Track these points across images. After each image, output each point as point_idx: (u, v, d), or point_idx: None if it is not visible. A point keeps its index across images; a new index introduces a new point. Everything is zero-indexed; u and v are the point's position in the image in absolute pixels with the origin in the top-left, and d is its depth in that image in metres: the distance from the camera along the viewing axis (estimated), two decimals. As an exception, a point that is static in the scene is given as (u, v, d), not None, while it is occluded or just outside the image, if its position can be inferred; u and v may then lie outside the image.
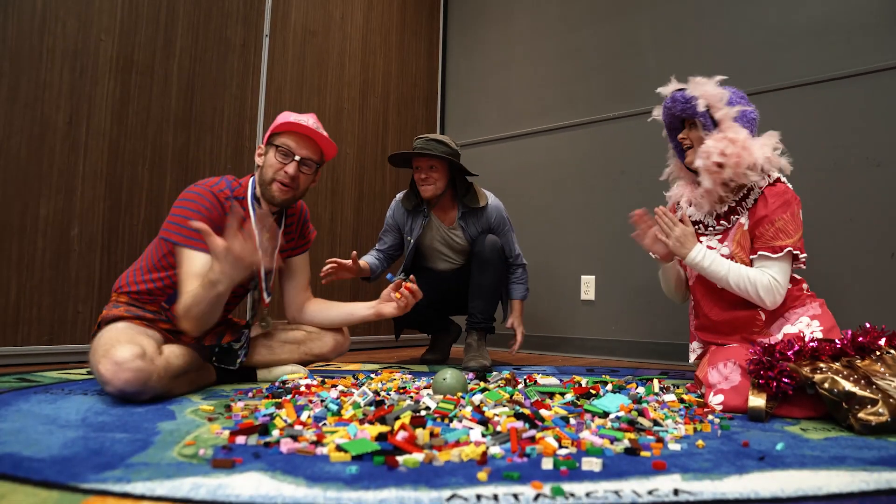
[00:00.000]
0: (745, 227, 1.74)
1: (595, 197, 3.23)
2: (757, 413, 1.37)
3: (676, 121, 1.88)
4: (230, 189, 1.72)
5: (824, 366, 1.36)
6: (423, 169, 2.46)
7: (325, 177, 3.25)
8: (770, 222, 1.67)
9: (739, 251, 1.74)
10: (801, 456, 1.06)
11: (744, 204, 1.76)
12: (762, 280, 1.64)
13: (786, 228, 1.66)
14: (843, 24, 2.55)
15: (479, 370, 2.25)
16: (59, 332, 2.27)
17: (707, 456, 1.05)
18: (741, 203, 1.76)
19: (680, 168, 1.96)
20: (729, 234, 1.78)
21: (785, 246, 1.64)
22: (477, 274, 2.45)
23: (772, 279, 1.63)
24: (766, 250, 1.66)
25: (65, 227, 2.30)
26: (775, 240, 1.66)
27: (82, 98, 2.36)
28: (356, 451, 0.96)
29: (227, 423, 1.21)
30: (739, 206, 1.77)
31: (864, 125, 2.48)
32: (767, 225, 1.68)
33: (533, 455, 1.01)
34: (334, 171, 3.30)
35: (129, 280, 1.70)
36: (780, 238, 1.65)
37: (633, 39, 3.18)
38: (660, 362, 2.85)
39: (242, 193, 1.76)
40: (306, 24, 3.20)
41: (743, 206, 1.76)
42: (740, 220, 1.76)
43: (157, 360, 1.44)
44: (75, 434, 1.10)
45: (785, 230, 1.66)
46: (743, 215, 1.76)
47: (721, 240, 1.80)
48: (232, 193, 1.73)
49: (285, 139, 1.75)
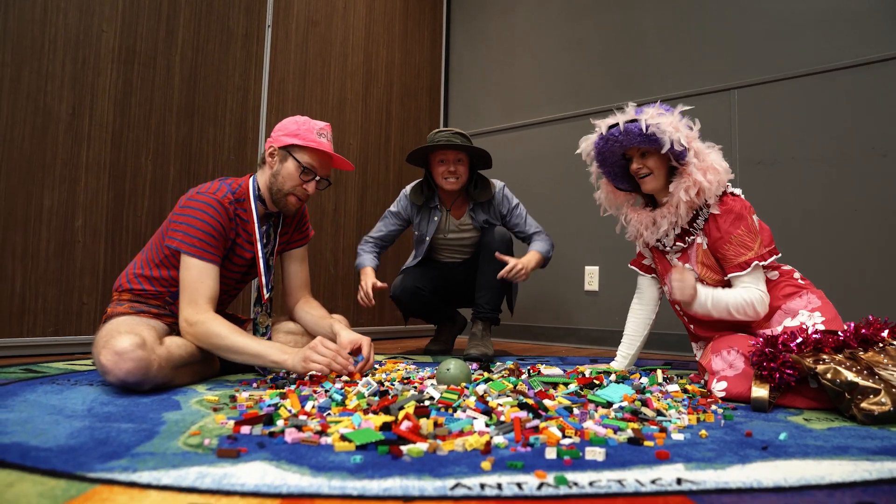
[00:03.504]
0: (704, 245, 1.75)
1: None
2: (760, 403, 1.38)
3: (619, 150, 1.83)
4: (231, 192, 1.72)
5: (827, 357, 1.36)
6: (450, 162, 2.43)
7: (328, 167, 3.24)
8: (727, 241, 1.69)
9: (706, 272, 1.75)
10: (804, 446, 1.06)
11: (696, 224, 1.77)
12: (756, 296, 1.64)
13: (744, 243, 1.67)
14: (850, 12, 2.53)
15: (481, 358, 2.26)
16: (65, 323, 2.28)
17: (710, 446, 1.05)
18: (693, 223, 1.77)
19: (615, 192, 1.95)
20: (689, 255, 1.79)
21: (750, 260, 1.65)
22: (485, 265, 2.45)
23: (758, 294, 1.64)
24: (735, 270, 1.68)
25: (69, 218, 2.30)
26: (738, 257, 1.67)
27: (85, 89, 2.36)
28: (360, 441, 0.97)
29: (231, 414, 1.22)
30: (693, 226, 1.78)
31: (869, 115, 2.46)
32: (727, 245, 1.69)
33: (536, 445, 1.01)
34: (337, 162, 3.30)
35: (130, 278, 1.71)
36: (741, 254, 1.67)
37: (637, 29, 3.16)
38: (663, 353, 2.86)
39: (244, 195, 1.76)
40: (309, 14, 3.18)
41: (696, 225, 1.77)
42: (696, 241, 1.77)
43: (158, 350, 1.45)
44: (81, 424, 1.11)
45: (744, 244, 1.67)
46: (698, 235, 1.77)
47: (681, 259, 1.82)
48: (234, 196, 1.73)
49: (310, 160, 1.76)
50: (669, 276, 1.70)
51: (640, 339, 1.97)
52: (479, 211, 2.54)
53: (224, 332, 1.56)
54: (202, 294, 1.60)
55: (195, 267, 1.62)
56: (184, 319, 1.58)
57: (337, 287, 3.25)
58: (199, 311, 1.58)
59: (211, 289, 1.62)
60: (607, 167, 1.90)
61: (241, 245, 1.75)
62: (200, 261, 1.62)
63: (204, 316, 1.58)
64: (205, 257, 1.63)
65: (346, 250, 3.31)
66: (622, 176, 1.91)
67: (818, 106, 2.58)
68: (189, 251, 1.62)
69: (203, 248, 1.63)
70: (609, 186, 1.97)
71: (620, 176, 1.91)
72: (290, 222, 1.93)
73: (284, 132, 1.76)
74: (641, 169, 1.79)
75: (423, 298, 2.56)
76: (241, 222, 1.74)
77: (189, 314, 1.58)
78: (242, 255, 1.77)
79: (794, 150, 2.63)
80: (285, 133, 1.76)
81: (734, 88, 2.80)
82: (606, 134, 1.79)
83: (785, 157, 2.64)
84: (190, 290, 1.60)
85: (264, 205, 1.80)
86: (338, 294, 3.26)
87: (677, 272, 1.68)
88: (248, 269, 1.85)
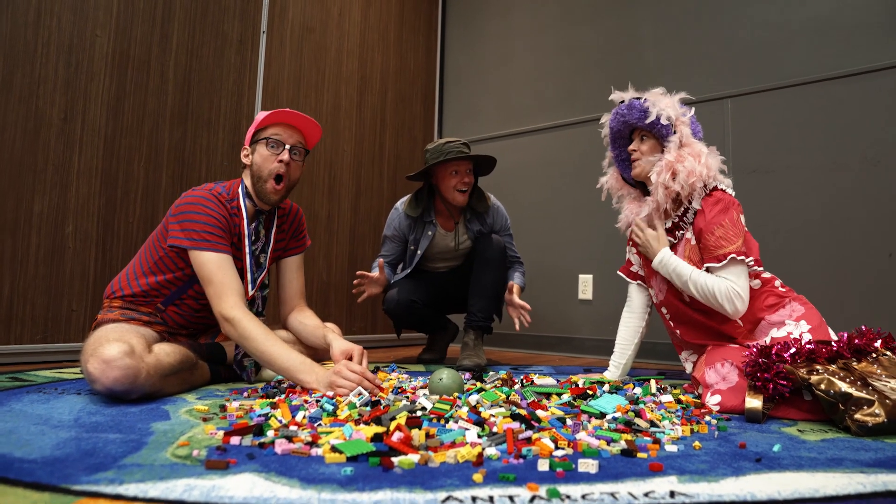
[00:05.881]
0: (693, 241, 1.76)
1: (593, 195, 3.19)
2: (754, 414, 1.37)
3: (626, 129, 1.88)
4: (226, 192, 1.72)
5: (821, 368, 1.36)
6: (463, 173, 2.42)
7: (322, 174, 3.24)
8: (710, 232, 1.69)
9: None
10: (798, 458, 1.06)
11: (685, 219, 1.78)
12: (720, 286, 1.64)
13: (726, 235, 1.67)
14: (843, 22, 2.55)
15: (474, 369, 2.25)
16: (53, 331, 2.26)
17: (704, 458, 1.05)
18: (682, 218, 1.79)
19: (619, 182, 1.98)
20: (678, 249, 1.80)
21: (728, 253, 1.64)
22: (479, 272, 2.44)
23: (730, 286, 1.63)
24: (711, 261, 1.68)
25: (59, 224, 2.29)
26: (717, 248, 1.67)
27: (77, 93, 2.35)
28: (351, 452, 0.96)
29: (221, 424, 1.21)
30: (682, 221, 1.79)
31: (862, 124, 2.48)
32: (708, 235, 1.69)
33: (529, 456, 1.01)
34: (332, 169, 3.30)
35: (122, 284, 1.70)
36: (721, 246, 1.66)
37: (634, 35, 3.18)
38: (657, 362, 2.86)
39: (235, 194, 1.76)
40: (304, 21, 3.19)
41: (685, 220, 1.78)
42: (686, 236, 1.78)
43: (147, 358, 1.44)
44: (68, 434, 1.09)
45: (726, 237, 1.67)
46: (687, 230, 1.78)
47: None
48: (228, 195, 1.72)
49: (273, 130, 1.74)
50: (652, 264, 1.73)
51: (632, 348, 1.97)
52: (474, 221, 2.54)
53: (257, 336, 1.55)
54: (228, 286, 1.58)
55: (210, 261, 1.59)
56: (218, 314, 1.58)
57: (330, 295, 3.24)
58: (230, 306, 1.57)
59: (234, 279, 1.61)
60: (616, 150, 1.95)
61: (236, 245, 1.74)
62: (214, 253, 1.60)
63: (238, 313, 1.56)
64: (217, 248, 1.61)
65: (339, 258, 3.30)
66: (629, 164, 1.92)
67: (812, 115, 2.59)
68: (198, 246, 1.60)
69: (212, 241, 1.61)
70: (616, 174, 1.99)
71: (628, 163, 1.93)
72: (286, 228, 1.91)
73: (250, 131, 1.79)
74: (635, 152, 1.82)
75: (419, 311, 2.54)
76: (237, 220, 1.73)
77: (222, 309, 1.57)
78: (238, 257, 1.75)
79: (788, 158, 2.64)
80: (251, 130, 1.78)
81: (727, 97, 2.81)
82: (617, 108, 1.86)
83: (779, 165, 2.66)
84: (215, 285, 1.58)
85: (254, 203, 1.79)
86: (330, 302, 3.25)
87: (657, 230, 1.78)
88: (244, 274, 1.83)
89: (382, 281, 2.44)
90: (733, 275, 1.65)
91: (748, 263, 1.66)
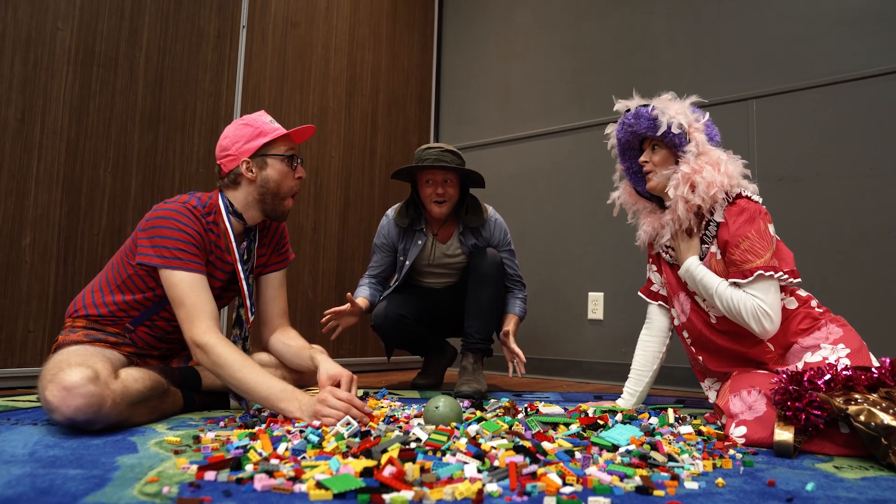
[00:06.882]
0: (718, 255, 1.77)
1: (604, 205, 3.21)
2: (784, 448, 1.37)
3: (635, 140, 1.90)
4: (201, 205, 1.72)
5: (860, 397, 1.36)
6: (437, 183, 2.43)
7: (307, 183, 3.24)
8: (735, 245, 1.70)
9: None
10: (835, 498, 1.05)
11: (708, 232, 1.80)
12: (747, 304, 1.64)
13: (753, 248, 1.67)
14: (882, 14, 2.55)
15: (474, 395, 2.25)
16: (7, 354, 2.25)
17: (728, 496, 1.04)
18: (705, 231, 1.81)
19: (633, 196, 2.00)
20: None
21: (755, 269, 1.65)
22: (474, 290, 2.44)
23: (757, 304, 1.63)
24: (737, 276, 1.68)
25: (15, 236, 2.28)
26: (744, 263, 1.67)
27: (36, 92, 2.35)
28: (338, 489, 0.96)
29: (195, 457, 1.20)
30: (705, 235, 1.81)
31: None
32: (733, 248, 1.70)
33: (534, 493, 1.00)
34: (318, 177, 3.30)
35: (86, 302, 1.69)
36: (748, 261, 1.67)
37: (647, 32, 3.20)
38: (675, 389, 2.85)
39: (214, 208, 1.76)
40: (288, 14, 3.21)
41: (707, 234, 1.80)
42: (711, 250, 1.79)
43: (113, 385, 1.42)
44: (21, 471, 1.08)
45: (752, 250, 1.67)
46: (712, 244, 1.79)
47: None
48: (204, 209, 1.72)
49: (286, 147, 1.79)
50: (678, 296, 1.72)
51: (650, 374, 1.96)
52: (469, 235, 2.54)
53: (232, 363, 1.55)
54: (200, 309, 1.59)
55: (183, 281, 1.60)
56: (189, 339, 1.58)
57: (316, 313, 3.23)
58: (203, 330, 1.57)
59: (208, 302, 1.62)
60: (627, 162, 1.97)
61: (213, 263, 1.74)
62: (186, 272, 1.61)
63: (211, 338, 1.57)
64: (189, 268, 1.61)
65: (326, 273, 3.30)
66: (641, 176, 1.94)
67: (846, 117, 2.61)
68: (170, 265, 1.60)
69: (185, 259, 1.61)
70: (629, 188, 2.01)
71: (640, 175, 1.95)
72: (266, 242, 1.91)
73: (244, 141, 1.76)
74: (647, 164, 1.83)
75: (409, 327, 2.54)
76: (214, 237, 1.73)
77: (194, 334, 1.57)
78: (214, 275, 1.75)
79: (818, 165, 2.65)
80: (245, 141, 1.76)
81: (752, 98, 2.83)
82: (623, 118, 1.88)
83: (808, 173, 2.67)
84: (187, 307, 1.59)
85: (241, 221, 1.79)
86: (317, 321, 3.23)
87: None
88: (221, 293, 1.83)
89: (357, 311, 2.45)
90: (761, 291, 1.65)
91: (779, 278, 1.66)
